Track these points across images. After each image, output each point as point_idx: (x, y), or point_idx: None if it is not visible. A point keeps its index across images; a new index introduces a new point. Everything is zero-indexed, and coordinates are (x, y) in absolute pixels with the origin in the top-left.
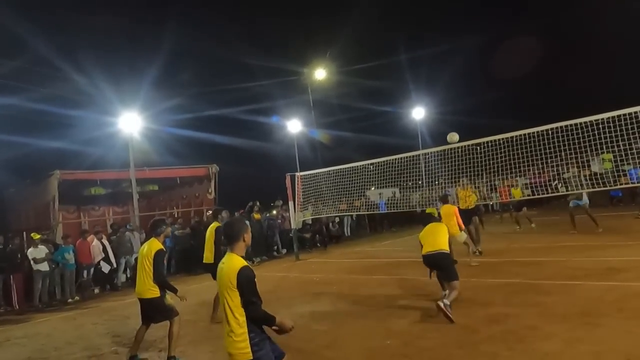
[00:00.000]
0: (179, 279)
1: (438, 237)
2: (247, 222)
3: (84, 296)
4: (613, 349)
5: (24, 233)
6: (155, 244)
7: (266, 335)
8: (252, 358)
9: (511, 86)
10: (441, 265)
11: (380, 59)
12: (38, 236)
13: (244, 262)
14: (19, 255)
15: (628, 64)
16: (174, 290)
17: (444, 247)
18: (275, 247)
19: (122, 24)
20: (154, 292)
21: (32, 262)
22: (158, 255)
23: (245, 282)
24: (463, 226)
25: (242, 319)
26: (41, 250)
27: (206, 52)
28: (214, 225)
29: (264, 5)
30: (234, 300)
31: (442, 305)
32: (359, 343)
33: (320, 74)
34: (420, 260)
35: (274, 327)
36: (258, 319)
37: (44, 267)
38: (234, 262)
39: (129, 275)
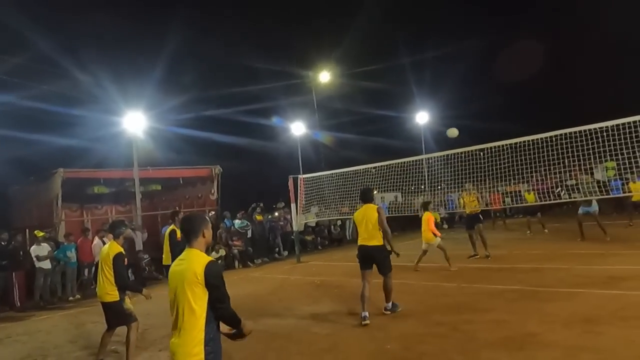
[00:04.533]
0: None
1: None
2: (207, 218)
3: (85, 294)
4: (615, 357)
5: (27, 230)
6: (114, 247)
7: (221, 347)
8: None
9: (515, 91)
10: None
11: (385, 62)
12: (42, 234)
13: (209, 257)
14: (22, 253)
15: (634, 70)
16: (139, 290)
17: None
18: (277, 249)
19: (128, 24)
20: (112, 296)
21: (34, 259)
22: (117, 258)
23: (216, 277)
24: (438, 233)
25: (202, 321)
26: (44, 248)
27: (211, 54)
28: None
29: (269, 8)
30: (196, 299)
31: (388, 312)
32: (359, 347)
33: (324, 76)
34: (422, 265)
35: (234, 332)
36: (227, 318)
37: (46, 264)
38: (198, 257)
39: (131, 275)
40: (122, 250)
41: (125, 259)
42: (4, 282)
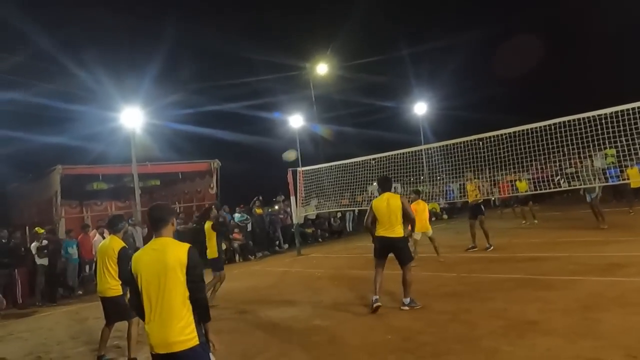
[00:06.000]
0: None
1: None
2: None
3: (87, 290)
4: (614, 344)
5: (27, 227)
6: (116, 242)
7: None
8: (198, 343)
9: (514, 81)
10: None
11: (383, 54)
12: (42, 230)
13: (186, 244)
14: (23, 250)
15: (631, 58)
16: None
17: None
18: (277, 242)
19: (124, 19)
20: (115, 290)
21: (35, 256)
22: (122, 252)
23: (197, 261)
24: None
25: (189, 303)
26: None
27: (208, 47)
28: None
29: (267, 0)
30: (182, 283)
31: (406, 308)
32: (360, 338)
33: (322, 69)
34: (422, 256)
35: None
36: (202, 300)
37: (47, 261)
38: (176, 244)
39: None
40: (124, 244)
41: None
42: (6, 279)
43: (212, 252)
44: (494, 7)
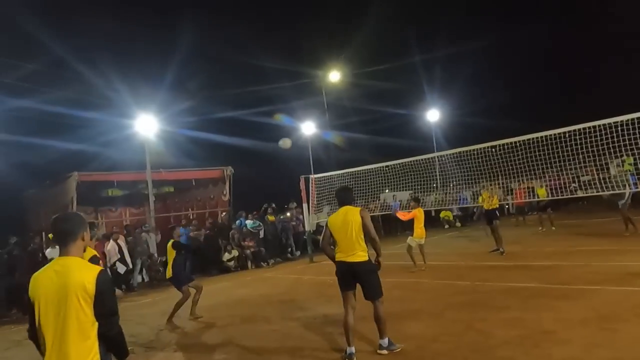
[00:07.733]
0: None
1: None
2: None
3: None
4: (631, 355)
5: (43, 233)
6: (88, 252)
7: None
8: None
9: (528, 88)
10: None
11: (395, 61)
12: None
13: (97, 266)
14: (41, 255)
15: None
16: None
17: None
18: (290, 249)
19: (139, 27)
20: None
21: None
22: (92, 261)
23: (107, 290)
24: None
25: (94, 339)
26: (57, 251)
27: (221, 55)
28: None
29: (279, 8)
30: (87, 315)
31: (385, 352)
32: (374, 346)
33: (334, 76)
34: (433, 264)
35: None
36: (116, 337)
37: None
38: (84, 266)
39: (144, 276)
40: (96, 253)
41: (100, 261)
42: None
43: (168, 271)
44: (508, 13)
